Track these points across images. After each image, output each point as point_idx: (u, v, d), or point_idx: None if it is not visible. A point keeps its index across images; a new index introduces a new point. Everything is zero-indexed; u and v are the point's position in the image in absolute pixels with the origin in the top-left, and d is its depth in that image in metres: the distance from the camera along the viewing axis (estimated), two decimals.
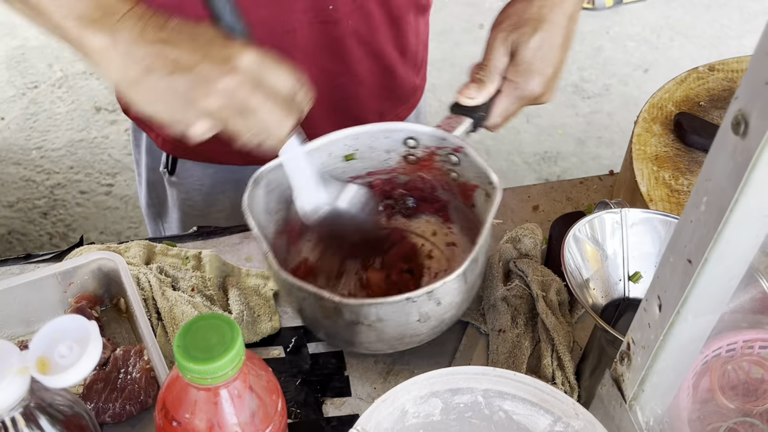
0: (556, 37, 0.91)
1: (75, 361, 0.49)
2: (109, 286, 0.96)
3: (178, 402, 0.57)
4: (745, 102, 0.43)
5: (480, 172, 0.89)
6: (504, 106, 0.94)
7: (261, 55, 0.72)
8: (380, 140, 0.95)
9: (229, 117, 0.72)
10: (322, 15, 1.01)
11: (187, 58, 0.69)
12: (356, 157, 0.96)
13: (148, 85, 0.70)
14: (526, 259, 0.99)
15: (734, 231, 0.46)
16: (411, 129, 0.93)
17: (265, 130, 0.74)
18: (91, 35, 0.68)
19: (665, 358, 0.55)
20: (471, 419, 0.70)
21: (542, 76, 0.92)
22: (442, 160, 0.94)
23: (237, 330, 0.56)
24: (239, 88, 0.70)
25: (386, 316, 0.79)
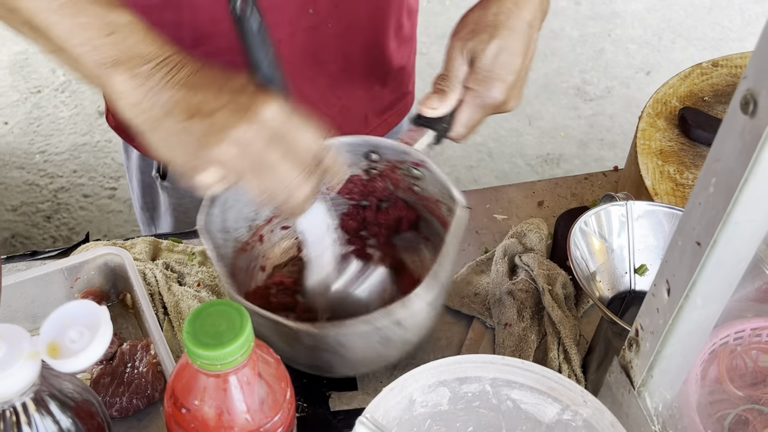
0: (515, 43, 0.90)
1: (85, 346, 0.49)
2: (116, 281, 0.96)
3: (188, 389, 0.57)
4: (754, 81, 0.43)
5: (442, 188, 0.87)
6: (467, 115, 0.92)
7: (288, 109, 0.67)
8: (342, 154, 0.92)
9: (242, 171, 0.66)
10: (301, 20, 1.01)
11: (209, 104, 0.65)
12: None
13: (166, 128, 0.66)
14: (531, 253, 0.99)
15: (743, 211, 0.46)
16: (373, 143, 0.91)
17: (283, 191, 0.68)
18: (121, 80, 0.65)
19: (674, 342, 0.55)
20: (479, 408, 0.70)
21: (503, 83, 0.90)
22: (405, 175, 0.92)
23: (246, 316, 0.56)
24: (255, 140, 0.65)
25: (347, 341, 0.75)
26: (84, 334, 0.50)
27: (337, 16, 1.02)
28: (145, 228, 1.32)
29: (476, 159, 2.86)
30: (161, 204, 1.23)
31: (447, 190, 0.85)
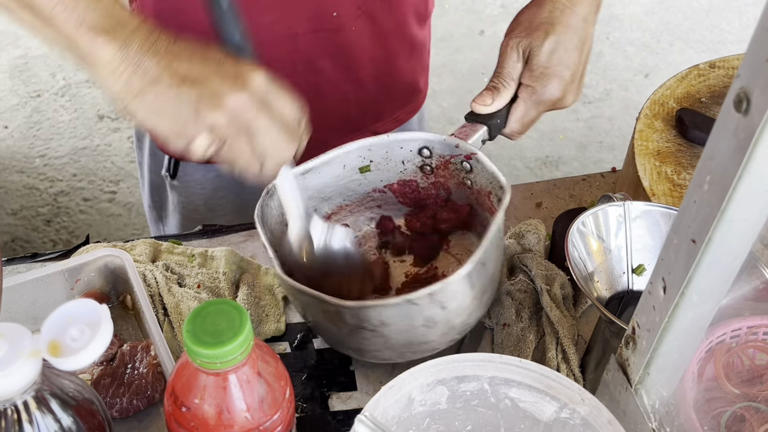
0: (571, 39, 0.91)
1: (86, 344, 0.50)
2: (116, 283, 0.96)
3: (188, 388, 0.58)
4: (747, 80, 0.44)
5: (492, 178, 0.88)
6: (521, 112, 0.94)
7: (270, 79, 0.71)
8: (395, 151, 0.94)
9: (232, 136, 0.70)
10: (326, 22, 1.02)
11: (197, 72, 0.68)
12: (372, 169, 0.96)
13: (153, 95, 0.68)
14: (529, 254, 1.00)
15: (737, 209, 0.47)
16: (424, 138, 0.93)
17: (267, 153, 0.72)
18: (102, 45, 0.67)
19: (670, 340, 0.56)
20: (477, 407, 0.70)
21: (559, 80, 0.92)
22: (457, 169, 0.93)
23: (246, 315, 0.56)
24: (248, 107, 0.69)
25: (389, 320, 0.78)
26: (85, 333, 0.51)
27: (359, 21, 1.03)
28: (153, 227, 1.33)
29: None
30: (169, 203, 1.24)
31: (496, 180, 0.87)
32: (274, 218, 0.89)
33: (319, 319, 0.85)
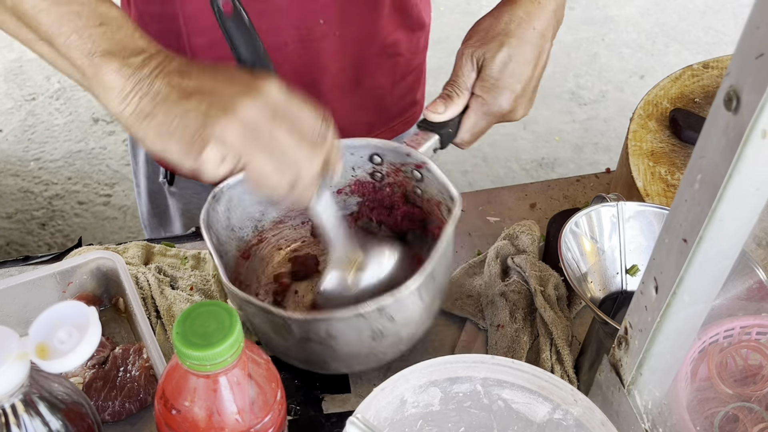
0: (525, 53, 0.90)
1: (74, 347, 0.50)
2: (108, 285, 0.96)
3: (178, 390, 0.57)
4: (737, 77, 0.44)
5: (442, 188, 0.87)
6: (472, 122, 0.93)
7: (286, 88, 0.66)
8: (346, 156, 0.93)
9: (248, 151, 0.64)
10: (312, 30, 1.01)
11: (207, 85, 0.64)
12: None
13: (162, 115, 0.64)
14: (523, 255, 1.00)
15: (728, 207, 0.47)
16: (375, 145, 0.92)
17: (294, 167, 0.66)
18: (112, 70, 0.64)
19: (662, 340, 0.56)
20: (470, 409, 0.70)
21: (510, 92, 0.90)
22: (407, 177, 0.92)
23: (236, 317, 0.56)
24: (261, 118, 0.63)
25: (337, 332, 0.76)
26: (73, 335, 0.50)
27: (345, 26, 1.03)
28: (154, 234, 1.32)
29: (471, 164, 2.86)
30: (170, 209, 1.23)
31: (446, 190, 0.86)
32: (221, 223, 0.87)
33: (264, 329, 0.82)
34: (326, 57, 1.05)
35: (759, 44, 0.41)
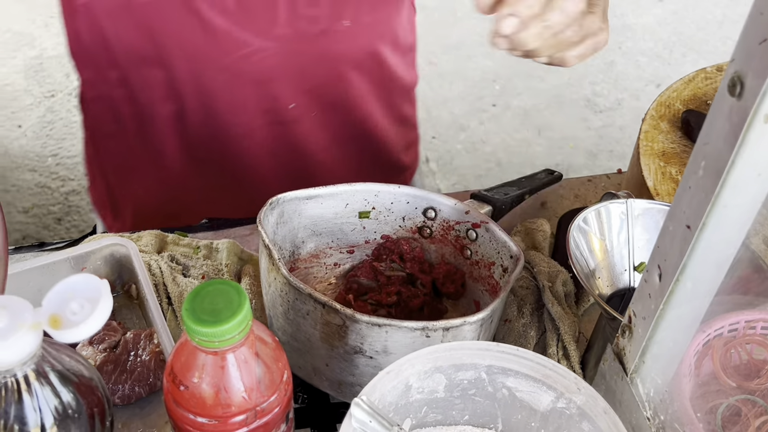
0: None
1: (86, 318, 0.51)
2: (121, 272, 0.97)
3: (186, 367, 0.58)
4: (741, 64, 0.44)
5: (501, 247, 0.88)
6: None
7: None
8: (401, 204, 0.93)
9: None
10: (281, 115, 1.02)
11: None
12: (371, 217, 0.95)
13: None
14: (533, 251, 1.00)
15: (731, 194, 0.47)
16: (433, 199, 0.93)
17: None
18: None
19: (665, 327, 0.56)
20: (474, 397, 0.71)
21: None
22: (458, 237, 0.93)
23: (244, 296, 0.57)
24: None
25: (394, 345, 0.74)
26: (85, 307, 0.51)
27: (321, 107, 1.04)
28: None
29: (485, 168, 2.87)
30: None
31: (507, 249, 0.86)
32: (269, 230, 0.87)
33: (309, 334, 0.79)
34: (305, 138, 1.06)
35: (763, 30, 0.42)
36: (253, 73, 1.01)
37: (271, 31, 0.98)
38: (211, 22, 0.96)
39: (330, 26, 1.00)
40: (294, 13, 0.97)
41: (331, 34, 1.01)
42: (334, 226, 0.94)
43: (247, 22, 0.97)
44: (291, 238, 0.93)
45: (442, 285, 0.95)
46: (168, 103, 1.05)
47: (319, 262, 0.97)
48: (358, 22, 1.02)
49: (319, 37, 1.00)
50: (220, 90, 1.02)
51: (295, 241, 0.94)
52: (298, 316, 0.79)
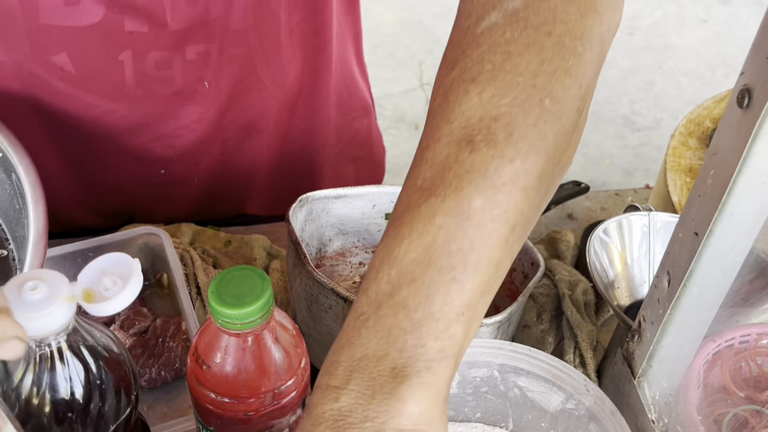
0: None
1: (117, 293, 0.54)
2: (154, 261, 1.01)
3: (210, 347, 0.61)
4: (750, 77, 0.46)
5: (524, 254, 0.89)
6: None
7: None
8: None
9: None
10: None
11: None
12: None
13: None
14: (555, 260, 1.02)
15: (737, 202, 0.49)
16: None
17: None
18: None
19: (672, 332, 0.58)
20: (487, 395, 0.73)
21: None
22: None
23: (268, 282, 0.60)
24: None
25: None
26: (117, 283, 0.54)
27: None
28: None
29: None
30: None
31: (530, 256, 0.88)
32: (297, 227, 0.89)
33: (332, 329, 0.81)
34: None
35: None
36: (109, 133, 1.02)
37: (119, 93, 0.97)
38: (55, 86, 0.95)
39: (186, 87, 0.99)
40: (142, 74, 0.96)
41: (189, 94, 1.00)
42: (360, 226, 0.97)
43: (92, 85, 0.96)
44: (318, 235, 0.96)
45: None
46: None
47: (345, 261, 1.00)
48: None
49: (173, 97, 1.00)
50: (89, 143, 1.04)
51: (322, 239, 0.97)
52: (320, 310, 0.82)
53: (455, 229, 0.45)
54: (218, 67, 0.98)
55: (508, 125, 0.47)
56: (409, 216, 0.47)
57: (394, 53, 3.38)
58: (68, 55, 0.92)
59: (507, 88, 0.48)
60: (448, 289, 0.44)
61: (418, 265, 0.45)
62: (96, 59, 0.93)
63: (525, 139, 0.47)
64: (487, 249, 0.46)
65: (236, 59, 0.98)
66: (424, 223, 0.46)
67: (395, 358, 0.43)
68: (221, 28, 0.93)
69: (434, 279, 0.44)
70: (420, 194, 0.47)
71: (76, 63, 0.93)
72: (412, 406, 0.43)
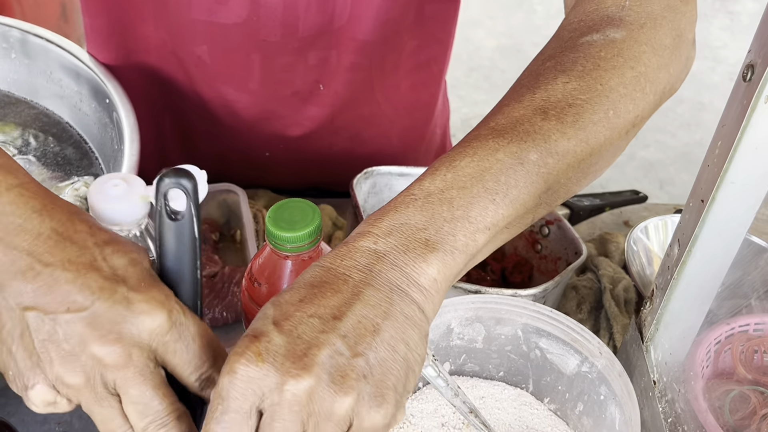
0: None
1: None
2: (230, 217, 1.10)
3: (263, 267, 0.69)
4: (754, 55, 0.52)
5: (570, 244, 0.94)
6: None
7: (178, 318, 0.52)
8: None
9: (88, 401, 0.50)
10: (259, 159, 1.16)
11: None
12: None
13: None
14: (602, 257, 1.06)
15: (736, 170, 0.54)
16: None
17: None
18: None
19: (677, 296, 0.63)
20: (510, 354, 0.78)
21: None
22: (533, 231, 1.00)
23: (318, 214, 0.68)
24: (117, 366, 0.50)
25: None
26: None
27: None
28: None
29: None
30: None
31: (574, 245, 0.93)
32: (360, 198, 0.97)
33: None
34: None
35: None
36: (229, 117, 1.12)
37: (245, 85, 1.07)
38: (191, 64, 1.07)
39: (303, 88, 1.08)
40: (268, 75, 1.06)
41: (305, 95, 1.10)
42: None
43: (222, 77, 1.07)
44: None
45: (510, 274, 1.03)
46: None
47: None
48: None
49: (291, 97, 1.09)
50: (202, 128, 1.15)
51: None
52: None
53: (509, 167, 0.55)
54: (335, 72, 1.07)
55: (577, 114, 0.58)
56: (476, 143, 0.56)
57: (489, 77, 3.45)
58: (208, 47, 1.03)
59: (587, 89, 0.59)
60: (486, 205, 0.53)
61: (471, 178, 0.54)
62: (230, 54, 1.04)
63: (584, 130, 0.58)
64: (525, 193, 0.55)
65: (355, 68, 1.07)
66: (487, 153, 0.55)
67: (431, 234, 0.52)
68: (346, 37, 1.03)
69: (479, 193, 0.54)
70: (490, 132, 0.57)
71: (213, 55, 1.04)
72: (433, 271, 0.51)
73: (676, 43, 0.64)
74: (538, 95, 0.59)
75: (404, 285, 0.51)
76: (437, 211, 0.53)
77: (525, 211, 0.56)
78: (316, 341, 0.47)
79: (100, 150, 0.99)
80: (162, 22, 1.01)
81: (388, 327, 0.49)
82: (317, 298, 0.50)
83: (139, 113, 0.96)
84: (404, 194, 0.55)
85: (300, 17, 0.98)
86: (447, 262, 0.52)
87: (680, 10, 0.65)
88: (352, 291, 0.50)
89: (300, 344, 0.47)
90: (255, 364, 0.47)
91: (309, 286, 0.51)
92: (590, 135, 0.58)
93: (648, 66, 0.61)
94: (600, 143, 0.58)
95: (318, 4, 0.97)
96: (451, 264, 0.52)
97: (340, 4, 0.98)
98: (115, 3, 1.01)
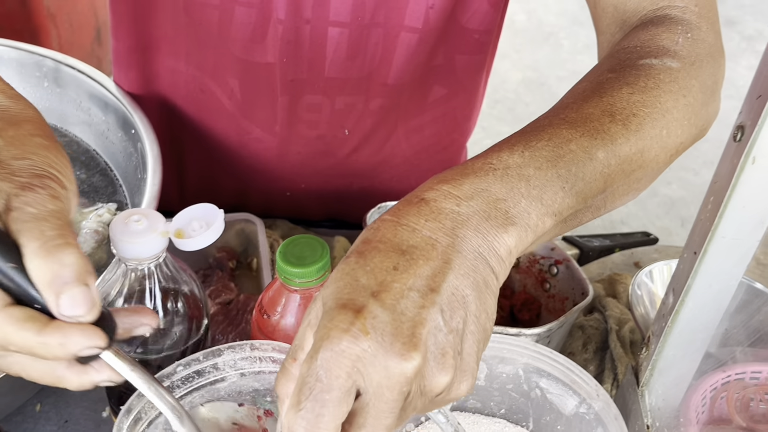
0: None
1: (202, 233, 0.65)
2: (248, 246, 1.13)
3: (273, 300, 0.72)
4: (745, 115, 0.54)
5: (577, 284, 0.96)
6: None
7: None
8: None
9: None
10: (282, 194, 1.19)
11: None
12: None
13: None
14: (610, 298, 1.08)
15: (726, 225, 0.56)
16: None
17: None
18: None
19: (672, 344, 0.64)
20: (511, 392, 0.80)
21: None
22: (541, 271, 1.02)
23: (327, 249, 0.70)
24: None
25: None
26: (203, 226, 0.66)
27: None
28: None
29: None
30: None
31: (581, 287, 0.95)
32: None
33: None
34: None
35: (760, 87, 0.51)
36: (251, 156, 1.15)
37: (271, 127, 1.10)
38: (219, 101, 1.09)
39: (328, 132, 1.10)
40: (294, 115, 1.08)
41: (329, 139, 1.12)
42: None
43: (250, 113, 1.10)
44: None
45: (518, 311, 1.05)
46: None
47: None
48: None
49: (316, 140, 1.13)
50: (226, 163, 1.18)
51: None
52: None
53: (579, 159, 0.56)
54: (362, 117, 1.10)
55: (639, 124, 0.61)
56: (551, 130, 0.58)
57: (513, 109, 3.48)
58: (239, 82, 1.06)
59: (649, 104, 0.62)
60: (557, 191, 0.55)
61: (547, 161, 0.55)
62: (259, 93, 1.07)
63: (643, 141, 0.61)
64: (588, 188, 0.57)
65: (381, 111, 1.10)
66: (562, 141, 0.57)
67: (510, 207, 0.53)
68: (376, 82, 1.05)
69: (553, 178, 0.55)
70: (562, 123, 0.59)
71: (243, 91, 1.07)
72: (511, 242, 0.52)
73: (714, 87, 0.68)
74: (605, 99, 0.61)
75: (486, 253, 0.51)
76: (515, 186, 0.53)
77: (584, 207, 0.58)
78: (419, 318, 0.47)
79: (124, 178, 1.03)
80: (193, 57, 1.05)
81: (475, 298, 0.50)
82: (411, 267, 0.49)
83: (160, 141, 0.99)
84: (481, 161, 0.55)
85: (327, 57, 1.01)
86: (522, 237, 0.53)
87: (719, 61, 0.70)
88: (442, 258, 0.50)
89: (405, 321, 0.47)
90: (363, 341, 0.46)
91: (398, 251, 0.50)
92: (646, 147, 0.61)
93: (695, 99, 0.65)
94: (651, 158, 0.61)
95: (349, 48, 1.00)
96: (525, 240, 0.53)
97: (371, 49, 1.00)
98: (144, 30, 1.05)
